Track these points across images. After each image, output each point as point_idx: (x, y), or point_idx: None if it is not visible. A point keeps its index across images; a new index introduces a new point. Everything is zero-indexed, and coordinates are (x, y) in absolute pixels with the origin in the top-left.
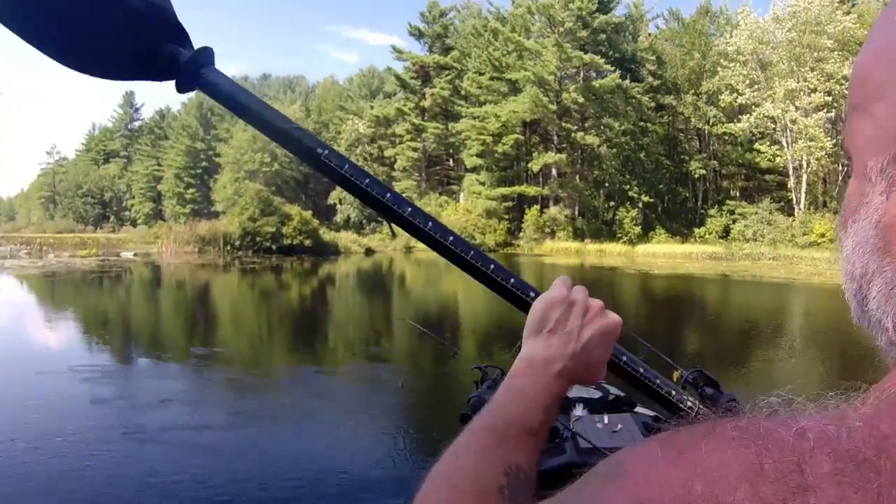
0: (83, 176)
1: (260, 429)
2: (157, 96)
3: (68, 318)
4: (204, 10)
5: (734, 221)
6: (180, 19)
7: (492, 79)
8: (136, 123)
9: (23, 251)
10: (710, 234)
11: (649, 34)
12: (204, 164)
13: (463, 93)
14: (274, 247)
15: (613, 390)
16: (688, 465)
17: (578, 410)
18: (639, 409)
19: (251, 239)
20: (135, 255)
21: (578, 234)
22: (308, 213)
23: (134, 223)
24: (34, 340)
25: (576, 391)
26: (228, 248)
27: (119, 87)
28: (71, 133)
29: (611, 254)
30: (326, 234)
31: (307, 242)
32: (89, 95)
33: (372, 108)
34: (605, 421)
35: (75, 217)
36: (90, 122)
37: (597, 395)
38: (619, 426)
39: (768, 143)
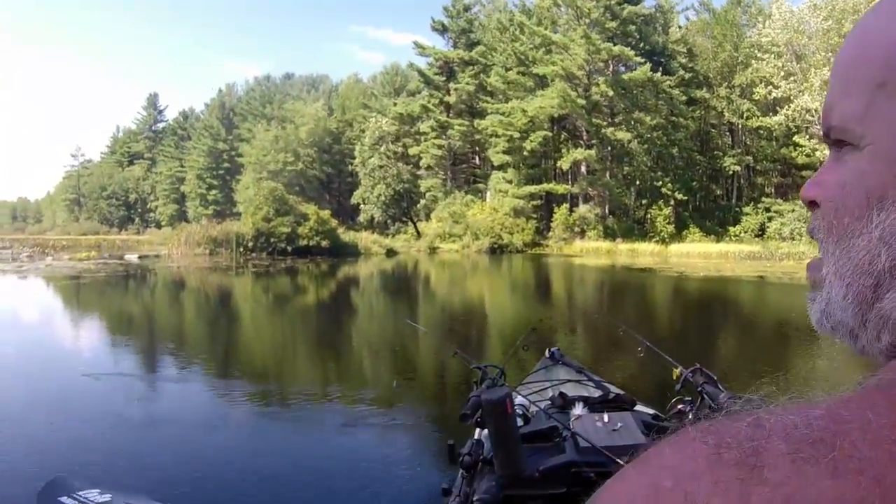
0: (108, 178)
1: (261, 434)
2: (182, 98)
3: None
4: (228, 9)
5: (770, 219)
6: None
7: (518, 74)
8: (160, 125)
9: (24, 254)
10: (745, 232)
11: (680, 26)
12: (226, 164)
13: (489, 89)
14: (289, 248)
15: (613, 389)
16: (655, 468)
17: (578, 409)
18: (639, 408)
19: (265, 240)
20: (140, 257)
21: (609, 234)
22: (326, 213)
23: (158, 225)
24: None
25: (575, 390)
26: (241, 249)
27: (143, 90)
28: (96, 135)
29: (643, 253)
30: (346, 235)
31: (324, 243)
32: (113, 98)
33: (395, 105)
34: (605, 419)
35: (100, 219)
36: (114, 124)
37: (597, 393)
38: (619, 424)
39: (807, 136)
